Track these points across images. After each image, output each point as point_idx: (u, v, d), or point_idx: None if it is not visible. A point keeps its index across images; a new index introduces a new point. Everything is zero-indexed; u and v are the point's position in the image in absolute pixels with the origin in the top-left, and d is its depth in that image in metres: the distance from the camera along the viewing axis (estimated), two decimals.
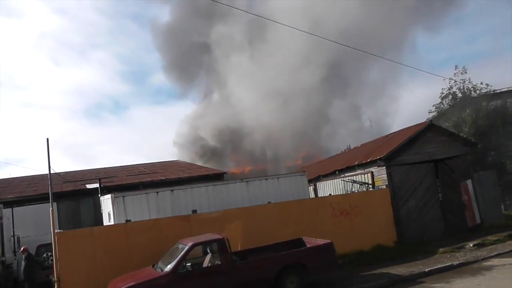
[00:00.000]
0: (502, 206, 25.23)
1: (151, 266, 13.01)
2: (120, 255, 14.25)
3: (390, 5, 33.84)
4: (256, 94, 33.48)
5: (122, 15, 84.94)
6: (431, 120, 25.38)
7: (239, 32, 36.26)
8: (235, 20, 35.32)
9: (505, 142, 27.99)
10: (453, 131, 25.40)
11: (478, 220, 21.11)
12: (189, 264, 12.14)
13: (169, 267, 12.12)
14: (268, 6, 32.03)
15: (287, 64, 33.17)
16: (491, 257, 15.65)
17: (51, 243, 14.19)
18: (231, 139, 33.95)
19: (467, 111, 29.91)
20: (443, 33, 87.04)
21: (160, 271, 12.27)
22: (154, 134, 78.47)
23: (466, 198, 20.97)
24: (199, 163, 31.53)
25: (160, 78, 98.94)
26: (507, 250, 16.30)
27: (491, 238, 18.09)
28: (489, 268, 14.16)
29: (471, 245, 17.53)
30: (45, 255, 18.72)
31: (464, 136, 26.31)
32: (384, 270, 15.04)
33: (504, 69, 51.07)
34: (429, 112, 33.05)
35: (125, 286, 11.52)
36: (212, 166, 30.78)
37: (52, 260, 15.19)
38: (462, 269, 14.57)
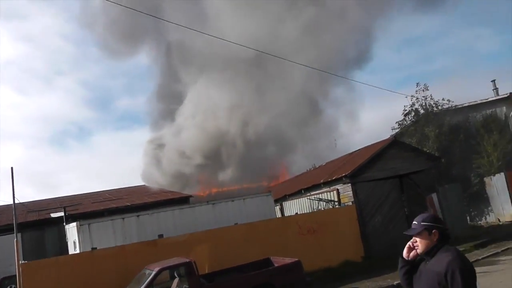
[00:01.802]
0: (468, 218, 25.66)
1: None
2: (87, 284, 14.04)
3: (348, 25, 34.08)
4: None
5: (88, 41, 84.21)
6: (394, 137, 25.78)
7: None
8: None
9: (469, 155, 28.43)
10: (416, 146, 25.78)
11: None
12: None
13: None
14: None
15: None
16: None
17: (16, 275, 13.90)
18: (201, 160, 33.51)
19: (430, 126, 30.35)
20: (401, 53, 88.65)
21: None
22: (119, 160, 77.42)
23: (432, 211, 21.27)
24: (166, 187, 31.17)
25: (124, 103, 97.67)
26: (472, 260, 16.51)
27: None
28: None
29: None
30: (9, 287, 18.29)
31: (428, 151, 26.69)
32: (353, 285, 15.13)
33: (463, 86, 52.04)
34: (392, 129, 33.37)
35: None
36: (178, 189, 30.50)
37: None
38: None
